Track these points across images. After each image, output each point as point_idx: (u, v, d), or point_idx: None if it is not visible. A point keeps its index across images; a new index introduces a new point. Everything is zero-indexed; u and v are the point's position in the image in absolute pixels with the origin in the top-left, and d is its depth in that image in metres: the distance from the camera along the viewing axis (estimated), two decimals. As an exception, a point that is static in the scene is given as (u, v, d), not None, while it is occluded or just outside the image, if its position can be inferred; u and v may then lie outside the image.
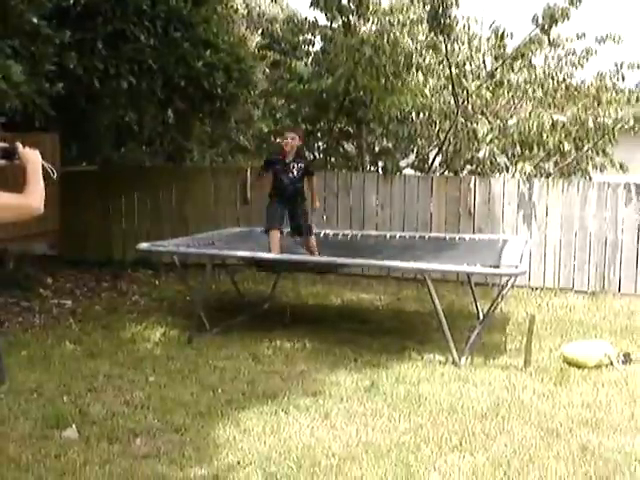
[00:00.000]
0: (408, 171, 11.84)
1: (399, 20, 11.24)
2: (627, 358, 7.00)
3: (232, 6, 12.92)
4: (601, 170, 11.56)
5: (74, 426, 5.19)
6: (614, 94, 11.29)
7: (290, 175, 8.12)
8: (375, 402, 5.81)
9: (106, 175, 11.74)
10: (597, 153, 11.31)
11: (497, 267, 7.20)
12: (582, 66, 11.89)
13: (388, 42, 10.64)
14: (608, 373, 6.66)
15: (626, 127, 10.64)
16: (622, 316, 8.96)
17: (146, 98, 9.07)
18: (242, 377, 6.36)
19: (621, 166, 11.37)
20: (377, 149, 12.01)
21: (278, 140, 8.13)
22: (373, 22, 11.32)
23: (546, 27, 10.25)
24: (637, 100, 10.86)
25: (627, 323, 8.58)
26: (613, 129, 10.70)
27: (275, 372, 6.51)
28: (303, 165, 8.24)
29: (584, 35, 11.69)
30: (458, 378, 6.43)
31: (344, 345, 7.31)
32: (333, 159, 12.19)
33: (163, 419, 5.38)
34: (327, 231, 9.50)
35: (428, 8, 10.37)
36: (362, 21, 11.37)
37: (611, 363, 6.84)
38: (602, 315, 8.98)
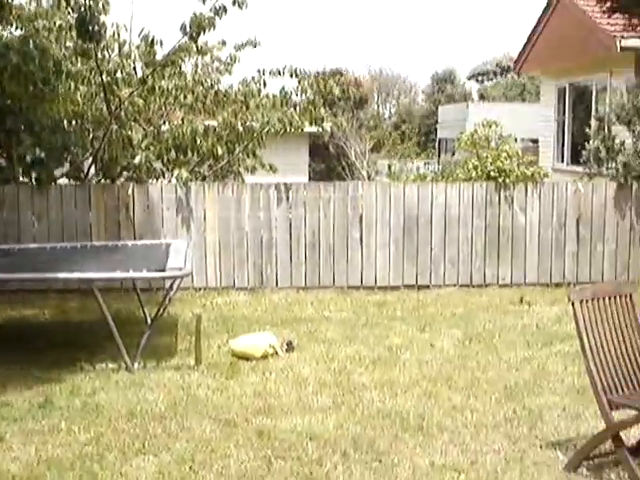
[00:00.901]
0: (64, 181, 11.57)
1: (45, 26, 10.92)
2: (290, 346, 7.55)
3: None
4: (252, 172, 12.16)
5: None
6: (259, 99, 11.92)
7: None
8: (51, 418, 5.71)
9: None
10: (248, 155, 11.88)
11: (162, 271, 7.34)
12: (230, 72, 12.46)
13: (36, 48, 10.29)
14: (274, 362, 7.13)
15: (273, 130, 11.28)
16: (281, 308, 9.57)
17: None
18: None
19: (271, 167, 12.03)
20: (29, 159, 11.57)
21: None
22: (18, 27, 10.87)
23: (194, 35, 10.53)
24: (282, 104, 11.55)
25: (286, 314, 9.19)
26: (261, 132, 11.32)
27: (-64, 401, 6.13)
28: None
29: (224, 42, 12.23)
30: (133, 383, 6.50)
31: (12, 364, 7.02)
32: (-20, 172, 11.53)
33: None
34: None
35: (76, 14, 10.19)
36: (5, 25, 10.86)
37: (276, 352, 7.33)
38: (263, 309, 9.52)
